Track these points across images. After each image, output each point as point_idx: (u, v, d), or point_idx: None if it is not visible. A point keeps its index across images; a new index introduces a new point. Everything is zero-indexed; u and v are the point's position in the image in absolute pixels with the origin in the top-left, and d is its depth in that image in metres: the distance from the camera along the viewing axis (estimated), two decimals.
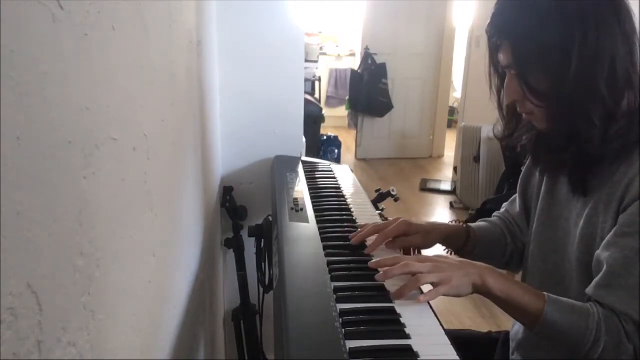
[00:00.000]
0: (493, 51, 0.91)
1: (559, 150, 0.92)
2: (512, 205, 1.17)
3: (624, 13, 0.83)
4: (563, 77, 0.82)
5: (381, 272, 0.85)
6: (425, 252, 1.13)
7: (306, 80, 4.82)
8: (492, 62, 0.94)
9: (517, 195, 1.14)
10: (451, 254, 1.15)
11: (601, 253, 0.82)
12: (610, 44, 0.81)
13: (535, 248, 1.03)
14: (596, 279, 0.82)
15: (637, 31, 0.84)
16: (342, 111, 6.14)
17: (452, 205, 4.16)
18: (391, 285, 0.85)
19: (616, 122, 0.83)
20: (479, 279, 0.82)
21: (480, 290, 0.83)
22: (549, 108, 0.87)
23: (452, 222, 1.17)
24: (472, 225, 1.16)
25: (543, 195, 1.02)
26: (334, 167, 1.70)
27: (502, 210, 1.20)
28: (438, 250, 1.10)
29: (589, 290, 0.83)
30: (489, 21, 0.90)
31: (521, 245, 1.12)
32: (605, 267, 0.81)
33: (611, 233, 0.82)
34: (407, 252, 1.11)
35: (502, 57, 0.89)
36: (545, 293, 0.83)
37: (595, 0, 0.82)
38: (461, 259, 0.88)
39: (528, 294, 0.83)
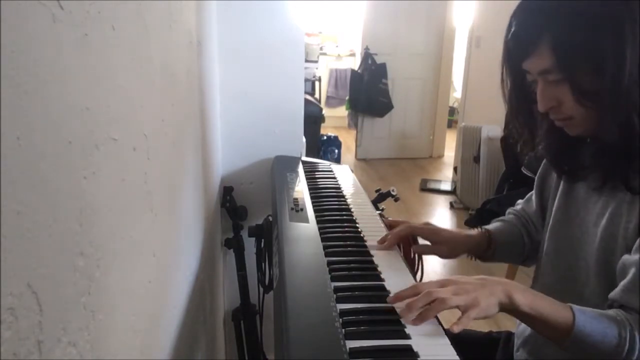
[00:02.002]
0: (518, 58, 0.87)
1: (598, 154, 0.89)
2: (529, 203, 1.17)
3: None
4: (620, 75, 0.79)
5: (404, 307, 0.77)
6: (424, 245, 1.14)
7: (306, 80, 4.82)
8: (509, 70, 0.91)
9: (533, 193, 1.14)
10: (472, 259, 1.16)
11: (630, 257, 0.81)
12: None
13: (550, 246, 1.02)
14: (623, 283, 0.80)
15: None
16: (342, 111, 6.14)
17: (452, 205, 4.16)
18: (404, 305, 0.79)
19: None
20: (505, 297, 0.78)
21: (507, 307, 0.79)
22: (602, 107, 0.83)
23: (471, 227, 1.18)
24: (491, 228, 1.16)
25: (560, 193, 1.01)
26: (334, 167, 1.70)
27: (518, 207, 1.20)
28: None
29: (615, 295, 0.81)
30: (513, 29, 0.86)
31: (537, 243, 1.12)
32: (634, 271, 0.79)
33: None
34: (405, 247, 1.11)
35: (535, 63, 0.84)
36: (570, 304, 0.79)
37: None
38: (482, 276, 0.82)
39: (555, 307, 0.79)
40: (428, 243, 1.13)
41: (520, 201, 1.21)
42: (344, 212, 1.23)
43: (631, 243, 0.83)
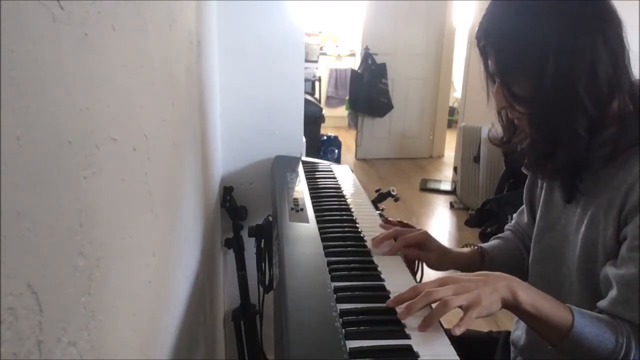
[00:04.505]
0: (484, 58, 0.91)
1: (548, 156, 0.90)
2: (521, 216, 1.17)
3: (607, 17, 0.82)
4: (541, 81, 0.81)
5: (403, 310, 0.75)
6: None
7: (306, 80, 4.82)
8: (485, 68, 0.93)
9: (524, 206, 1.14)
10: None
11: (613, 269, 0.81)
12: (589, 48, 0.80)
13: (534, 253, 1.03)
14: (612, 296, 0.80)
15: (623, 32, 0.83)
16: (342, 111, 6.14)
17: (452, 205, 4.16)
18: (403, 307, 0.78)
19: (606, 128, 0.82)
20: (508, 293, 0.76)
21: (510, 304, 0.77)
22: (531, 115, 0.86)
23: (466, 245, 1.16)
24: (486, 246, 1.15)
25: (542, 201, 1.01)
26: (334, 167, 1.70)
27: (513, 222, 1.20)
28: None
29: (604, 306, 0.80)
30: (477, 28, 0.90)
31: None
32: (621, 282, 0.79)
33: (623, 248, 0.80)
34: (410, 261, 1.10)
35: (490, 64, 0.89)
36: (569, 305, 0.79)
37: (576, 1, 0.81)
38: (483, 272, 0.81)
39: (556, 306, 0.78)
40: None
41: (514, 215, 1.21)
42: (344, 212, 1.23)
43: (610, 251, 0.83)
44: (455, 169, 4.40)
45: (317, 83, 5.67)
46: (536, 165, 0.97)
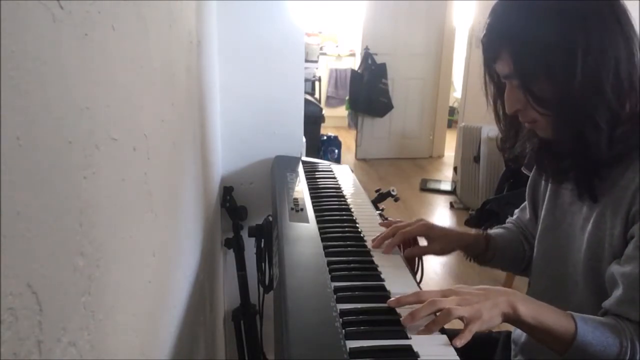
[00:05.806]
0: (490, 61, 0.89)
1: (563, 157, 0.90)
2: (523, 212, 1.16)
3: (622, 14, 0.82)
4: (569, 82, 0.80)
5: (407, 316, 0.75)
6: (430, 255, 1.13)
7: (306, 80, 4.82)
8: (487, 72, 0.92)
9: (526, 202, 1.14)
10: (470, 260, 1.15)
11: (619, 268, 0.80)
12: (612, 46, 0.80)
13: (538, 252, 1.02)
14: (617, 295, 0.80)
15: (637, 32, 0.84)
16: (342, 111, 6.14)
17: (452, 205, 4.16)
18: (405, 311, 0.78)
19: (621, 125, 0.82)
20: (509, 308, 0.77)
21: (511, 318, 0.78)
22: (555, 115, 0.85)
23: (471, 227, 1.16)
24: (491, 232, 1.15)
25: (547, 200, 1.01)
26: (334, 167, 1.70)
27: (514, 217, 1.20)
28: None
29: (610, 306, 0.81)
30: (483, 32, 0.88)
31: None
32: (626, 281, 0.79)
33: (629, 247, 0.80)
34: (405, 247, 1.10)
35: (500, 67, 0.87)
36: (571, 313, 0.79)
37: (594, 1, 0.82)
38: (484, 286, 0.81)
39: (558, 316, 0.78)
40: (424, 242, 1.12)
41: (516, 211, 1.21)
42: (344, 212, 1.23)
43: (617, 250, 0.83)
44: (455, 169, 4.40)
45: (317, 83, 5.67)
46: (549, 167, 0.97)
